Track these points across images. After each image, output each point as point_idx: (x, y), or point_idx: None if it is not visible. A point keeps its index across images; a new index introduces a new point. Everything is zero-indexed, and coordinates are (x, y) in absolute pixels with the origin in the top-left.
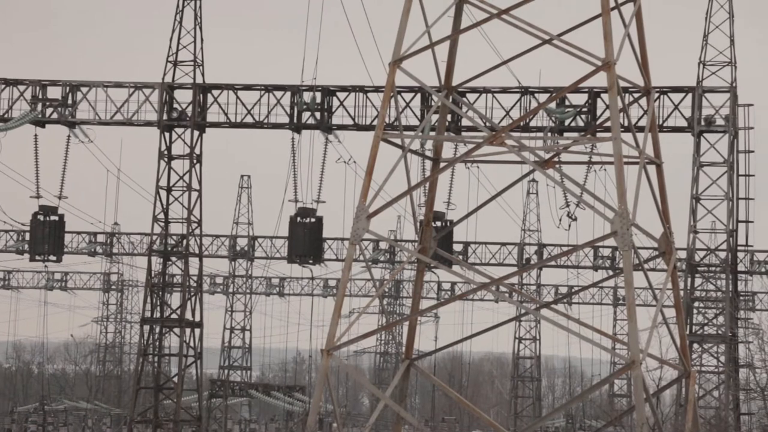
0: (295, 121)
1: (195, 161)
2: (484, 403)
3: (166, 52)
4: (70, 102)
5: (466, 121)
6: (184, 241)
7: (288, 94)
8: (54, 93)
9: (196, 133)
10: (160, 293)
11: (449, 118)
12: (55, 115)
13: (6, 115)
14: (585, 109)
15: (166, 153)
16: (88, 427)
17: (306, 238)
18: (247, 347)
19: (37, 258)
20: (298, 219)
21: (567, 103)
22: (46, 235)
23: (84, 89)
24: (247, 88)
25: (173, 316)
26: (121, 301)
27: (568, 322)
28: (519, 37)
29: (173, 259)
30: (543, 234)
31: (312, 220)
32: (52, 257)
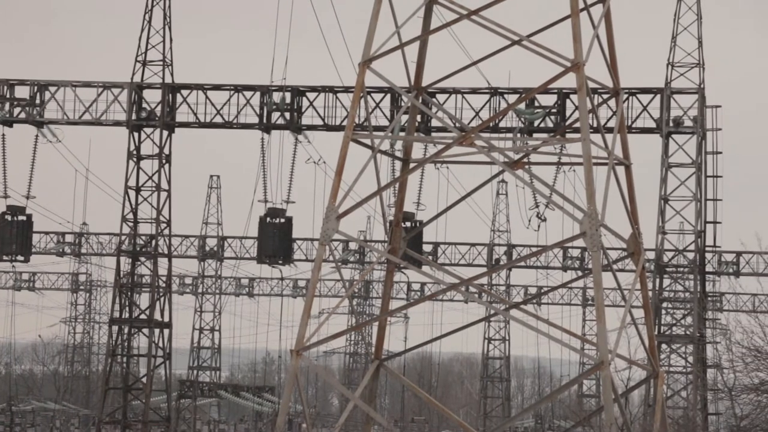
0: (264, 121)
1: (164, 161)
2: (454, 403)
3: (135, 51)
4: (38, 101)
5: (435, 122)
6: (153, 242)
7: (257, 94)
8: (22, 92)
9: (165, 133)
10: (129, 293)
11: (419, 118)
12: (23, 115)
13: None
14: (554, 110)
15: (135, 153)
16: (56, 428)
17: (275, 239)
18: (217, 348)
19: (4, 258)
20: (268, 219)
21: (536, 104)
22: (13, 235)
23: (52, 89)
24: (217, 88)
25: (142, 316)
26: (89, 302)
27: (538, 322)
28: (489, 38)
29: (142, 259)
30: (512, 235)
31: (281, 220)
32: (20, 257)
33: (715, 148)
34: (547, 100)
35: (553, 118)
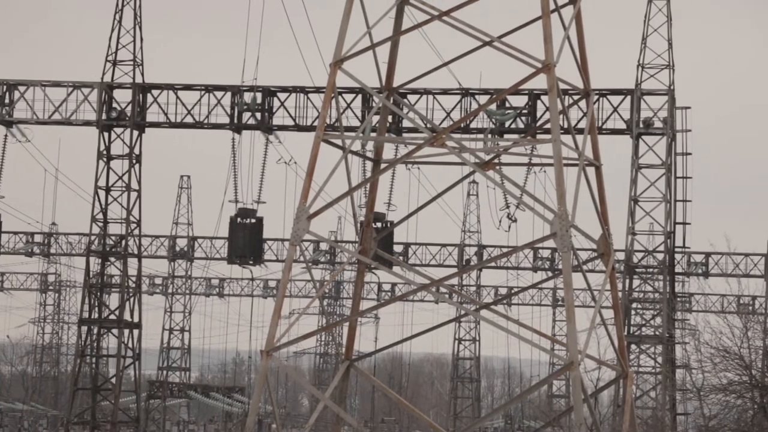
0: (235, 121)
1: (134, 161)
2: (424, 403)
3: (105, 51)
4: (7, 101)
5: (407, 123)
6: (123, 242)
7: (228, 94)
8: None
9: (136, 133)
10: (99, 294)
11: (390, 119)
12: None
13: None
14: (525, 111)
15: (105, 153)
16: (24, 429)
17: (246, 239)
18: (186, 348)
19: None
20: (239, 219)
21: (507, 104)
22: None
23: (21, 88)
24: (187, 88)
25: (111, 316)
26: (58, 302)
27: (508, 323)
28: (460, 38)
29: (112, 259)
30: (483, 235)
31: (252, 220)
32: None
33: (685, 149)
34: (518, 101)
35: (523, 119)
